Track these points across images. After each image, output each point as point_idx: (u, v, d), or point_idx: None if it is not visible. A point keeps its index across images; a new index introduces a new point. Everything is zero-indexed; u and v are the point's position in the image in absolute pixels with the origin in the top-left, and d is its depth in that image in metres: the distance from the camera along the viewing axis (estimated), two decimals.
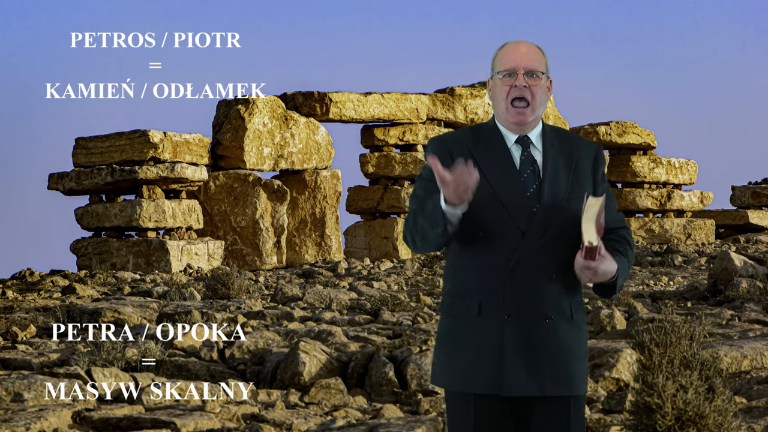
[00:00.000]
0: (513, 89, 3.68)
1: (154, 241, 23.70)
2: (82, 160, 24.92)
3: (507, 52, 3.72)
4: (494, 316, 3.65)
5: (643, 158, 33.39)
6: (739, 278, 14.24)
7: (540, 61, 3.72)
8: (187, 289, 15.98)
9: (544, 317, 3.64)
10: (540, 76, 3.70)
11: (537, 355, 3.64)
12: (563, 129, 3.81)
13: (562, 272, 3.66)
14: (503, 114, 3.71)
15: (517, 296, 3.63)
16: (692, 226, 33.36)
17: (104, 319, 12.05)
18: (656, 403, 6.10)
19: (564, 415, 3.68)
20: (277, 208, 26.24)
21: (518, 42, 3.75)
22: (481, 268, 3.67)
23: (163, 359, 8.41)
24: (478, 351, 3.66)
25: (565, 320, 3.67)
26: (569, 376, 3.66)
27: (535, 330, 3.64)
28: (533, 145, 3.72)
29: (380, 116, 28.19)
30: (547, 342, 3.64)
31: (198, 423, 6.50)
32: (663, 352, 7.84)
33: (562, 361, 3.65)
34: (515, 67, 3.68)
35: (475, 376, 3.66)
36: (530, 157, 3.70)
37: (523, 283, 3.63)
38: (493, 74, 3.74)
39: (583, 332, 3.74)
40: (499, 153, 3.70)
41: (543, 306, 3.64)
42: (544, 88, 3.72)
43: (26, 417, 6.36)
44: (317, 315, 12.27)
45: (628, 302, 13.51)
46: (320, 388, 7.65)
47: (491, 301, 3.65)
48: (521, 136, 3.71)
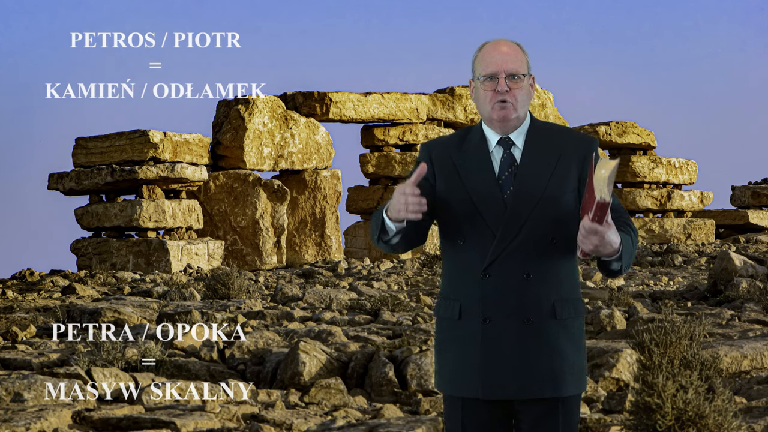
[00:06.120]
0: (495, 94, 3.65)
1: (154, 241, 23.70)
2: (82, 160, 24.92)
3: (487, 54, 3.68)
4: (473, 320, 3.63)
5: (643, 158, 33.39)
6: (739, 278, 14.24)
7: (521, 62, 3.67)
8: (187, 289, 15.98)
9: (524, 319, 3.60)
10: (522, 78, 3.66)
11: (518, 357, 3.59)
12: (556, 125, 3.76)
13: (541, 272, 3.61)
14: (488, 113, 3.68)
15: (494, 299, 3.60)
16: (692, 226, 33.36)
17: (104, 319, 12.05)
18: (656, 403, 6.10)
19: (553, 417, 3.64)
20: (277, 208, 26.24)
21: (498, 42, 3.70)
22: (460, 272, 3.66)
23: (163, 359, 8.40)
24: (460, 355, 3.65)
25: (548, 320, 3.61)
26: (555, 377, 3.61)
27: (516, 333, 3.59)
28: (515, 145, 3.68)
29: (380, 116, 28.19)
30: (528, 343, 3.59)
31: (198, 423, 6.50)
32: (663, 352, 7.84)
33: (547, 362, 3.60)
34: (496, 71, 3.64)
35: (458, 380, 3.65)
36: (510, 159, 3.66)
37: (498, 285, 3.60)
38: (475, 77, 3.70)
39: (575, 330, 3.66)
40: (478, 155, 3.67)
41: (522, 307, 3.60)
42: (527, 87, 3.68)
43: (26, 417, 6.36)
44: (317, 315, 12.27)
45: (628, 302, 13.51)
46: (320, 388, 7.65)
47: (470, 305, 3.63)
48: (503, 137, 3.68)
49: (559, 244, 3.62)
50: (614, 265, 3.55)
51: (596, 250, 3.45)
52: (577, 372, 3.66)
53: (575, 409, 3.69)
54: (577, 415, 3.70)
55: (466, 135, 3.75)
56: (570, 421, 3.66)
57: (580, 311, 3.70)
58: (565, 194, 3.62)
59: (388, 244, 3.63)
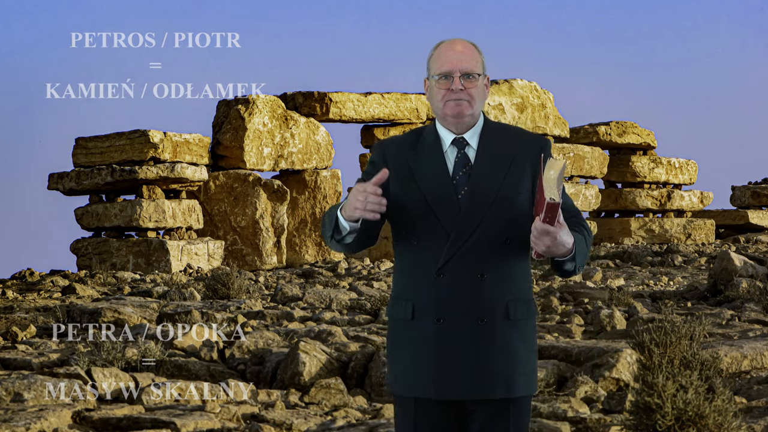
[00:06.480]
0: (449, 92, 3.65)
1: (154, 241, 23.70)
2: (82, 160, 24.92)
3: (442, 53, 3.68)
4: (427, 320, 3.62)
5: (643, 158, 33.39)
6: (739, 278, 14.24)
7: (476, 62, 3.68)
8: (187, 289, 15.97)
9: (477, 319, 3.60)
10: (476, 78, 3.66)
11: (471, 358, 3.59)
12: (508, 125, 3.77)
13: (495, 272, 3.61)
14: (441, 110, 3.68)
15: (447, 299, 3.60)
16: (692, 226, 33.36)
17: (104, 319, 12.04)
18: (656, 403, 6.10)
19: (504, 418, 3.64)
20: (277, 208, 26.24)
21: (453, 41, 3.71)
22: (414, 272, 3.65)
23: (163, 359, 8.41)
24: (413, 355, 3.64)
25: (502, 321, 3.61)
26: (507, 378, 3.61)
27: (469, 332, 3.59)
28: (469, 145, 3.68)
29: (380, 116, 28.20)
30: (481, 344, 3.59)
31: (198, 423, 6.50)
32: (663, 352, 7.84)
33: (499, 363, 3.60)
34: (451, 70, 3.65)
35: (411, 380, 3.65)
36: (465, 158, 3.66)
37: (452, 285, 3.60)
38: (430, 76, 3.70)
39: (527, 331, 3.67)
40: (432, 156, 3.67)
41: (475, 308, 3.60)
42: (482, 87, 3.69)
43: (26, 417, 6.36)
44: (317, 315, 12.27)
45: (628, 302, 13.51)
46: (320, 388, 7.65)
47: (423, 305, 3.63)
48: (457, 137, 3.68)
49: (513, 245, 3.62)
50: (568, 265, 3.56)
51: (549, 251, 3.45)
52: (528, 373, 3.67)
53: (526, 410, 3.69)
54: (528, 416, 3.70)
55: (420, 135, 3.75)
56: (520, 421, 3.67)
57: (532, 312, 3.70)
58: (519, 195, 3.63)
59: (341, 243, 3.63)
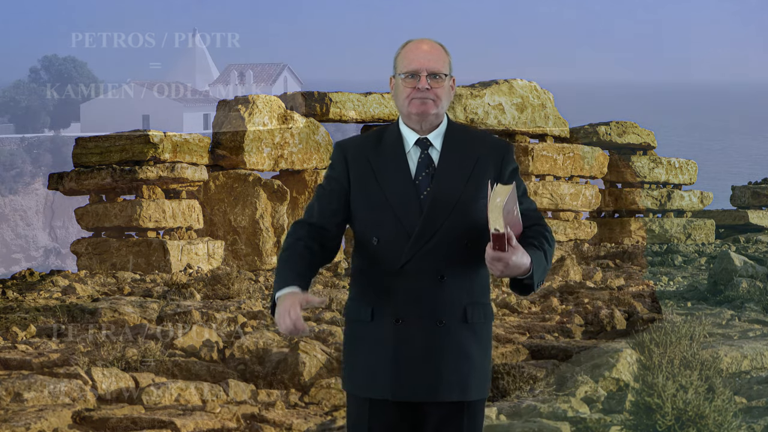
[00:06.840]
0: (415, 90, 3.65)
1: (154, 241, 23.70)
2: (82, 160, 24.93)
3: (410, 52, 3.68)
4: (386, 321, 3.61)
5: (643, 158, 33.38)
6: (739, 278, 14.24)
7: (443, 62, 3.68)
8: (187, 289, 15.97)
9: (436, 321, 3.59)
10: (443, 78, 3.66)
11: (429, 360, 3.59)
12: (472, 128, 3.76)
13: (455, 275, 3.60)
14: (406, 108, 3.67)
15: (407, 300, 3.59)
16: (692, 226, 33.36)
17: (104, 319, 12.04)
18: (656, 403, 6.10)
19: (457, 421, 3.64)
20: (277, 208, 26.25)
21: (421, 41, 3.71)
22: (374, 273, 3.65)
23: (163, 359, 8.40)
24: (371, 356, 3.64)
25: (460, 324, 3.61)
26: (463, 382, 3.61)
27: (427, 334, 3.59)
28: (433, 146, 3.67)
29: (380, 116, 28.21)
30: (439, 346, 3.59)
31: (198, 423, 6.49)
32: (663, 352, 7.83)
33: (456, 366, 3.60)
34: (418, 69, 3.64)
35: (368, 381, 3.64)
36: (428, 159, 3.65)
37: (411, 287, 3.59)
38: (396, 74, 3.70)
39: (483, 335, 3.67)
40: (395, 156, 3.66)
41: (434, 310, 3.59)
42: (447, 88, 3.68)
43: (26, 417, 6.36)
44: (317, 315, 12.27)
45: (628, 302, 13.50)
46: (320, 388, 7.65)
47: (382, 306, 3.62)
48: (421, 138, 3.67)
49: (473, 248, 3.61)
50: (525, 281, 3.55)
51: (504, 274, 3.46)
52: (482, 377, 3.67)
53: (480, 414, 3.69)
54: (482, 419, 3.70)
55: (382, 135, 3.74)
56: (473, 424, 3.67)
57: (489, 316, 3.69)
58: (480, 199, 3.61)
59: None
